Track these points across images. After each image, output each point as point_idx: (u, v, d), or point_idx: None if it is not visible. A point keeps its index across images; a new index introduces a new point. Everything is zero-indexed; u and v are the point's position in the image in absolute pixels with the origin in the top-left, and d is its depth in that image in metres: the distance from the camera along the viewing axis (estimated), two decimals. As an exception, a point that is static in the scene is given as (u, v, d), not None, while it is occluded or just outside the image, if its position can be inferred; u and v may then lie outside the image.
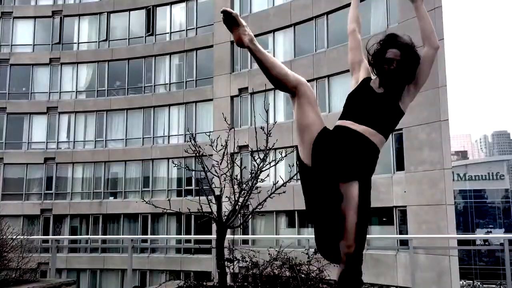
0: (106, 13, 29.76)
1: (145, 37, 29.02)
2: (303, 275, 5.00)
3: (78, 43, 30.23)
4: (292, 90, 2.46)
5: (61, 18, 30.27)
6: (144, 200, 6.40)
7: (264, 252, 5.64)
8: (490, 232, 58.29)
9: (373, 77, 2.73)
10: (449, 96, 17.46)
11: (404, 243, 14.80)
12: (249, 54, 2.30)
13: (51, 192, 28.93)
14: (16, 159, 29.27)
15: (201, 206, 5.15)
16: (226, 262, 5.05)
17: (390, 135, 2.79)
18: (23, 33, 30.61)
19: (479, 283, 55.25)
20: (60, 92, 29.87)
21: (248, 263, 5.12)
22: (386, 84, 2.60)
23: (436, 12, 17.70)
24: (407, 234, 17.17)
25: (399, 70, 2.57)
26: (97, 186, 28.59)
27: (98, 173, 28.68)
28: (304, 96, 2.43)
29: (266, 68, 2.43)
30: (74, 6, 30.37)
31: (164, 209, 5.25)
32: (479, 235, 53.43)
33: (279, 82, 2.45)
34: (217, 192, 5.25)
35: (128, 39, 29.45)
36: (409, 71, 2.60)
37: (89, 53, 29.83)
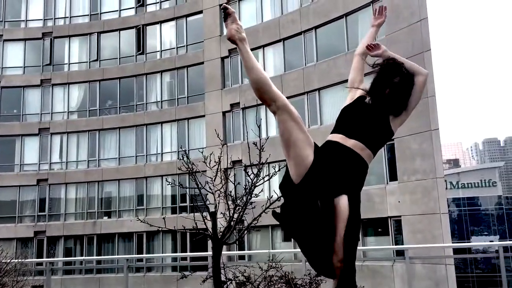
0: (96, 33, 29.89)
1: (136, 56, 29.14)
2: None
3: (69, 63, 30.28)
4: (270, 102, 2.40)
5: (51, 39, 30.35)
6: (139, 219, 6.39)
7: (261, 267, 5.63)
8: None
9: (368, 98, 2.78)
10: (438, 105, 17.67)
11: (400, 253, 14.81)
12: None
13: (44, 213, 28.68)
14: (8, 182, 29.04)
15: (196, 223, 5.15)
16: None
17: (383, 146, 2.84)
18: (14, 55, 30.62)
19: (477, 291, 55.05)
20: (51, 113, 29.82)
21: (241, 279, 5.11)
22: (384, 106, 2.66)
23: (422, 24, 18.00)
24: (402, 244, 17.17)
25: (401, 96, 2.64)
26: (90, 206, 28.40)
27: (92, 193, 28.51)
28: (285, 112, 2.38)
29: (248, 68, 2.42)
30: (64, 27, 30.48)
31: (159, 227, 5.25)
32: (474, 243, 53.50)
33: (258, 87, 2.39)
34: (211, 209, 5.26)
35: (119, 58, 29.55)
36: (407, 98, 2.67)
37: (80, 73, 29.87)
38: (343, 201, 2.41)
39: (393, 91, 2.64)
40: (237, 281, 5.16)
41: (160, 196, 27.33)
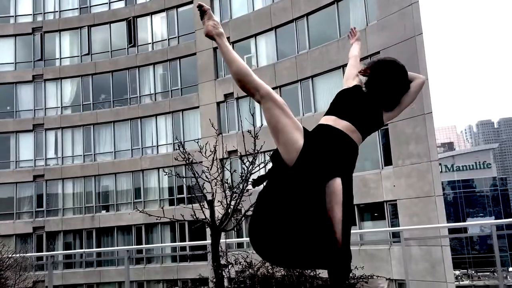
0: (86, 26, 29.71)
1: (127, 48, 29.02)
2: (297, 273, 5.11)
3: (60, 58, 30.13)
4: (254, 92, 2.43)
5: (41, 34, 30.16)
6: (138, 209, 6.48)
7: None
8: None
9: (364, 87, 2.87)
10: (431, 89, 17.76)
11: (396, 236, 15.01)
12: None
13: (42, 209, 28.75)
14: (5, 179, 29.03)
15: (194, 212, 5.24)
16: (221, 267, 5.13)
17: (377, 131, 2.93)
18: (4, 52, 30.41)
19: (473, 272, 55.83)
20: (45, 109, 29.74)
21: (242, 265, 5.21)
22: (378, 97, 2.75)
23: (413, 7, 18.03)
24: (398, 227, 17.38)
25: (396, 91, 2.76)
26: (88, 200, 28.48)
27: (89, 187, 28.57)
28: (269, 100, 2.41)
29: (228, 62, 2.46)
30: (54, 22, 30.27)
31: (158, 217, 5.33)
32: (467, 223, 54.21)
33: (239, 78, 2.44)
34: (209, 197, 5.34)
35: (111, 51, 29.43)
36: (401, 94, 2.78)
37: (72, 68, 29.74)
38: (337, 184, 2.47)
39: (389, 85, 2.73)
40: (238, 268, 5.26)
41: (157, 188, 27.43)
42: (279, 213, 2.53)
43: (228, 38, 24.50)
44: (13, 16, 30.88)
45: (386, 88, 2.73)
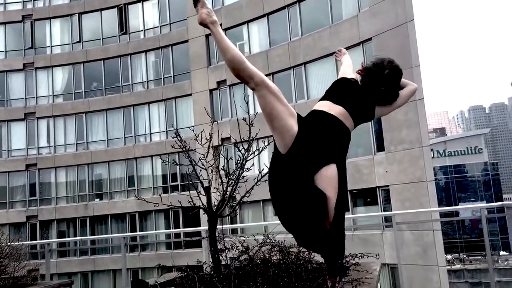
0: (77, 14, 29.42)
1: (119, 36, 28.80)
2: (293, 257, 5.21)
3: (51, 46, 29.87)
4: (248, 79, 2.47)
5: (31, 22, 29.83)
6: (136, 196, 6.55)
7: (256, 239, 5.83)
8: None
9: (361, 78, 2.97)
10: (424, 75, 17.86)
11: (389, 221, 15.20)
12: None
13: (35, 198, 28.72)
14: (-4, 168, 28.95)
15: (191, 199, 5.32)
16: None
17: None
18: (-6, 40, 30.12)
19: (464, 256, 56.61)
20: (36, 97, 29.54)
21: (239, 249, 5.30)
22: (374, 90, 2.84)
23: (405, -6, 18.04)
24: (390, 212, 17.59)
25: (391, 87, 2.88)
26: (81, 189, 28.47)
27: (82, 175, 28.54)
28: (263, 87, 2.45)
29: (222, 49, 2.48)
30: (44, 9, 29.93)
31: (156, 204, 5.40)
32: (458, 206, 54.83)
33: (234, 66, 2.46)
34: (205, 184, 5.42)
35: (102, 39, 29.20)
36: (392, 93, 2.91)
37: (63, 56, 29.50)
38: (332, 169, 2.54)
39: (385, 80, 2.82)
40: (234, 254, 5.35)
41: (151, 176, 27.46)
42: (279, 198, 2.62)
43: (220, 25, 24.44)
44: (2, 3, 30.49)
45: (382, 80, 2.82)
